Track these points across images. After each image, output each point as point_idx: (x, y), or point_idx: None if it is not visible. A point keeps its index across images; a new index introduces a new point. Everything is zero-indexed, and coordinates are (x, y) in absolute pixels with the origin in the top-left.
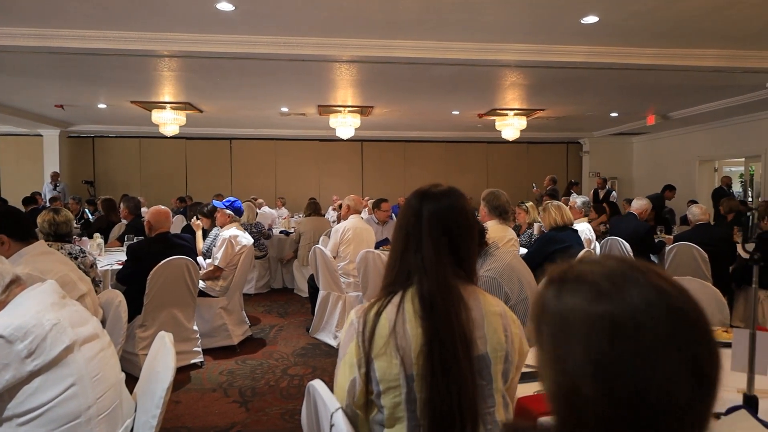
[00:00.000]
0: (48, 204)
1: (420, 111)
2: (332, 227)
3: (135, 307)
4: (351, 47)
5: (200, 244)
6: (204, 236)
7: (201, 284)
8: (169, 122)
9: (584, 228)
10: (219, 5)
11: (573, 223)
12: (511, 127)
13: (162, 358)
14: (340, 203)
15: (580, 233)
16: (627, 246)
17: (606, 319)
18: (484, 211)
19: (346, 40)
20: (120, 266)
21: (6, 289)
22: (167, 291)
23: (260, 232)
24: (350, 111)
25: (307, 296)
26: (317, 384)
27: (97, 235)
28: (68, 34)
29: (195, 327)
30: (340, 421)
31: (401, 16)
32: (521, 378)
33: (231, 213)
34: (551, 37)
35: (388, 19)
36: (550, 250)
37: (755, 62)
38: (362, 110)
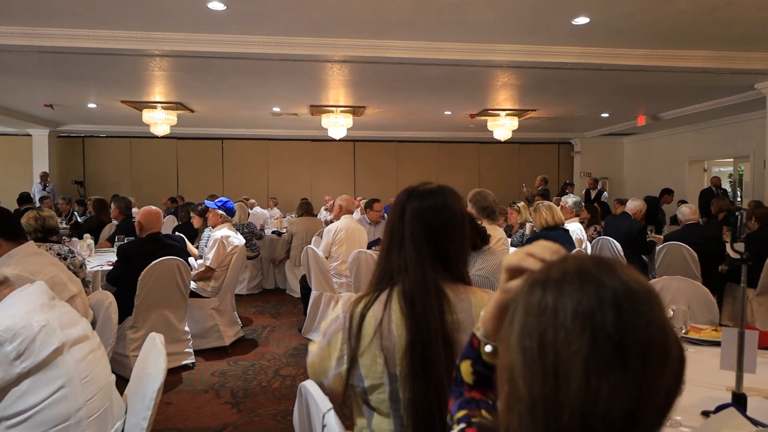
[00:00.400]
0: (39, 204)
1: (412, 111)
2: (324, 227)
3: (126, 308)
4: (343, 47)
5: (195, 250)
6: (195, 236)
7: (192, 285)
8: (160, 122)
9: (575, 228)
10: (210, 5)
11: (564, 223)
12: (503, 128)
13: (153, 360)
14: (333, 203)
15: (571, 233)
16: (618, 246)
17: (541, 306)
18: (473, 213)
19: (338, 40)
20: (110, 267)
21: None
22: (158, 292)
23: (252, 233)
24: (342, 111)
25: (300, 297)
26: (309, 384)
27: (87, 236)
28: (58, 33)
29: (186, 328)
30: (333, 422)
31: (393, 16)
32: None
33: (223, 213)
34: (542, 38)
35: (380, 19)
36: None
37: (743, 63)
38: (354, 110)
